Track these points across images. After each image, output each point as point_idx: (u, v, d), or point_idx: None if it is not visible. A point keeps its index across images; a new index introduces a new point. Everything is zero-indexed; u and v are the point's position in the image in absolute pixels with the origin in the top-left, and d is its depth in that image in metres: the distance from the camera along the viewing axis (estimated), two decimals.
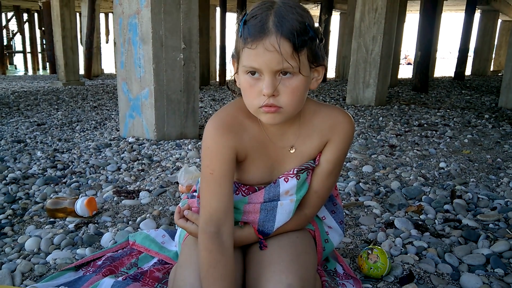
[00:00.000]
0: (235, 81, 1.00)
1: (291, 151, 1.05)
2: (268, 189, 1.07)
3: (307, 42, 0.88)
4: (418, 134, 3.64)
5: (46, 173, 2.39)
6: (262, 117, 0.94)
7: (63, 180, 2.27)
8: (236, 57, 0.94)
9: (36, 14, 19.64)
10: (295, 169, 1.05)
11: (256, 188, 1.09)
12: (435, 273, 1.31)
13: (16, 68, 20.42)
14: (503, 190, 2.14)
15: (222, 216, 0.97)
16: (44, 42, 17.74)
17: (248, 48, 0.87)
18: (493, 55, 13.43)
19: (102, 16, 18.21)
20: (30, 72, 17.71)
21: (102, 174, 2.38)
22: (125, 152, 2.86)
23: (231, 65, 1.00)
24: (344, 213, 1.62)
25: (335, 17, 13.64)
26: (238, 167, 1.05)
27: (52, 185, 2.18)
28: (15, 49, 22.27)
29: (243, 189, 1.09)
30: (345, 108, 5.20)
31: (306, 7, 0.94)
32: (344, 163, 1.34)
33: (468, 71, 11.39)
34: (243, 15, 0.91)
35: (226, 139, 0.98)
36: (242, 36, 0.89)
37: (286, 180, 1.06)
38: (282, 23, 0.85)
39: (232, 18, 13.11)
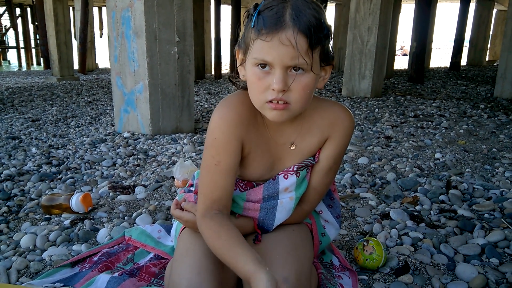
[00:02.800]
0: (237, 72, 0.98)
1: (292, 148, 1.04)
2: (267, 186, 1.06)
3: (322, 39, 0.86)
4: (414, 125, 3.64)
5: (41, 169, 2.37)
6: (268, 113, 0.91)
7: (58, 176, 2.26)
8: (244, 48, 0.91)
9: (28, 9, 19.44)
10: (295, 166, 1.04)
11: (254, 184, 1.09)
12: (431, 264, 1.32)
13: (9, 64, 20.25)
14: (498, 180, 2.15)
15: (223, 203, 0.98)
16: (37, 37, 17.58)
17: (262, 40, 0.84)
18: (489, 45, 13.42)
19: (95, 10, 18.06)
20: (24, 68, 17.57)
21: (98, 170, 2.37)
22: (120, 147, 2.85)
23: (236, 56, 0.97)
24: (341, 206, 1.62)
25: (331, 8, 13.57)
26: (240, 162, 1.03)
27: (47, 181, 2.17)
28: (8, 44, 22.06)
29: (241, 184, 1.09)
30: (341, 100, 5.20)
31: None
32: None
33: (463, 61, 11.39)
34: (256, 5, 0.88)
35: (234, 130, 0.97)
36: (255, 26, 0.85)
37: (286, 177, 1.05)
38: (299, 17, 0.83)
39: (227, 10, 13.01)
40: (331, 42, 0.93)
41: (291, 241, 1.04)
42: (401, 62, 14.05)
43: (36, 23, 16.20)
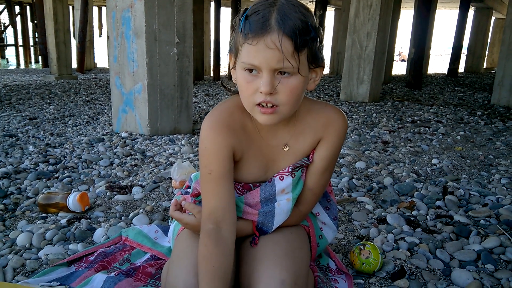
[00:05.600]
0: (230, 77, 0.99)
1: (285, 149, 1.05)
2: (264, 188, 1.06)
3: (308, 42, 0.86)
4: (411, 131, 3.66)
5: (38, 167, 2.37)
6: (258, 117, 0.93)
7: (55, 175, 2.25)
8: (235, 52, 0.93)
9: (28, 7, 19.40)
10: (290, 167, 1.05)
11: (251, 185, 1.09)
12: (427, 269, 1.32)
13: (8, 62, 20.18)
14: (495, 186, 2.16)
15: (220, 214, 0.96)
16: (36, 36, 17.53)
17: (249, 44, 0.85)
18: (487, 53, 13.49)
19: (95, 9, 18.04)
20: (22, 66, 17.52)
21: (95, 169, 2.37)
22: (118, 147, 2.85)
23: (228, 60, 0.98)
24: (337, 208, 1.63)
25: (330, 13, 13.62)
26: (234, 166, 1.04)
27: (44, 180, 2.16)
28: (7, 42, 21.99)
29: (238, 187, 1.09)
30: (339, 104, 5.21)
31: (302, 3, 0.93)
32: (337, 159, 1.35)
33: (461, 68, 11.44)
34: (245, 10, 0.89)
35: (223, 138, 0.97)
36: (243, 31, 0.87)
37: (281, 178, 1.05)
38: (284, 20, 0.84)
39: (226, 13, 13.05)
40: (322, 44, 0.93)
41: (289, 243, 1.04)
42: (399, 68, 14.12)
43: (35, 21, 16.17)
